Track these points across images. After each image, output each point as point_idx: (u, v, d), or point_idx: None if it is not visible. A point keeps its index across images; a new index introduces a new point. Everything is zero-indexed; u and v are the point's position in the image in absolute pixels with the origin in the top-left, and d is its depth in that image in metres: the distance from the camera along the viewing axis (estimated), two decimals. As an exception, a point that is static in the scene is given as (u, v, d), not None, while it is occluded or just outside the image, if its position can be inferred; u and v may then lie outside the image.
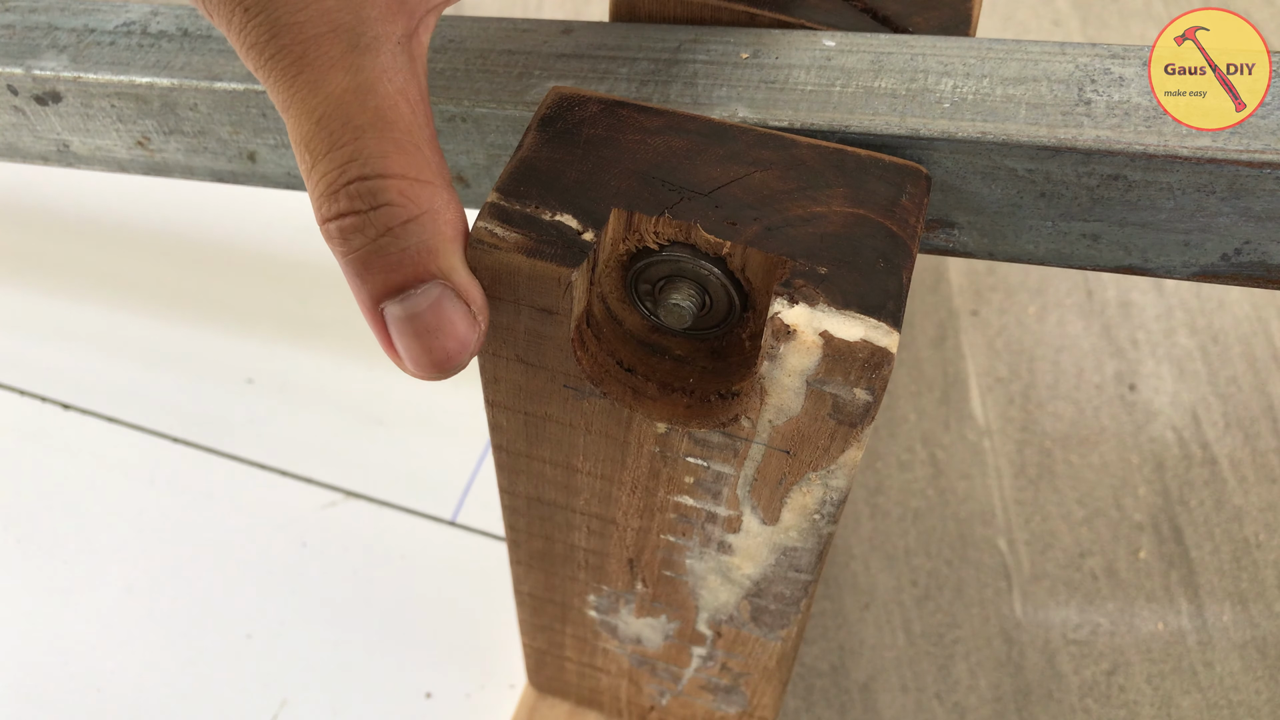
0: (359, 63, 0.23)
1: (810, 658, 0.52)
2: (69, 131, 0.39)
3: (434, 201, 0.24)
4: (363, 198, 0.23)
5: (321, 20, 0.23)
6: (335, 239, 0.24)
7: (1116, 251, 0.29)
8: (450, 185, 0.25)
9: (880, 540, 0.56)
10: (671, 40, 0.32)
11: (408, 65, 0.24)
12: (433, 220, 0.24)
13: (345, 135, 0.23)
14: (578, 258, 0.25)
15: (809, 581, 0.32)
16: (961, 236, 0.30)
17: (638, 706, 0.46)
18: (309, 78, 0.23)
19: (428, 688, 0.51)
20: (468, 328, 0.25)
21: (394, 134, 0.24)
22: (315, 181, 0.24)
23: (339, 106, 0.23)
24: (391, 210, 0.23)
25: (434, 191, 0.24)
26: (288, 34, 0.23)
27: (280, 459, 0.59)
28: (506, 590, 0.52)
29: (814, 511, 0.29)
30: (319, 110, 0.23)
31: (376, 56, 0.24)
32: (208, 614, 0.54)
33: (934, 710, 0.51)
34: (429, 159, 0.24)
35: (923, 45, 0.30)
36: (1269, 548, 0.55)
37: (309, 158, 0.24)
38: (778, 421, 0.26)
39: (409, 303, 0.24)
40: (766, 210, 0.25)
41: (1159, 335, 0.63)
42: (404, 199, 0.23)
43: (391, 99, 0.24)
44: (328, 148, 0.23)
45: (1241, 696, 0.51)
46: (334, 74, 0.23)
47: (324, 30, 0.23)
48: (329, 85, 0.23)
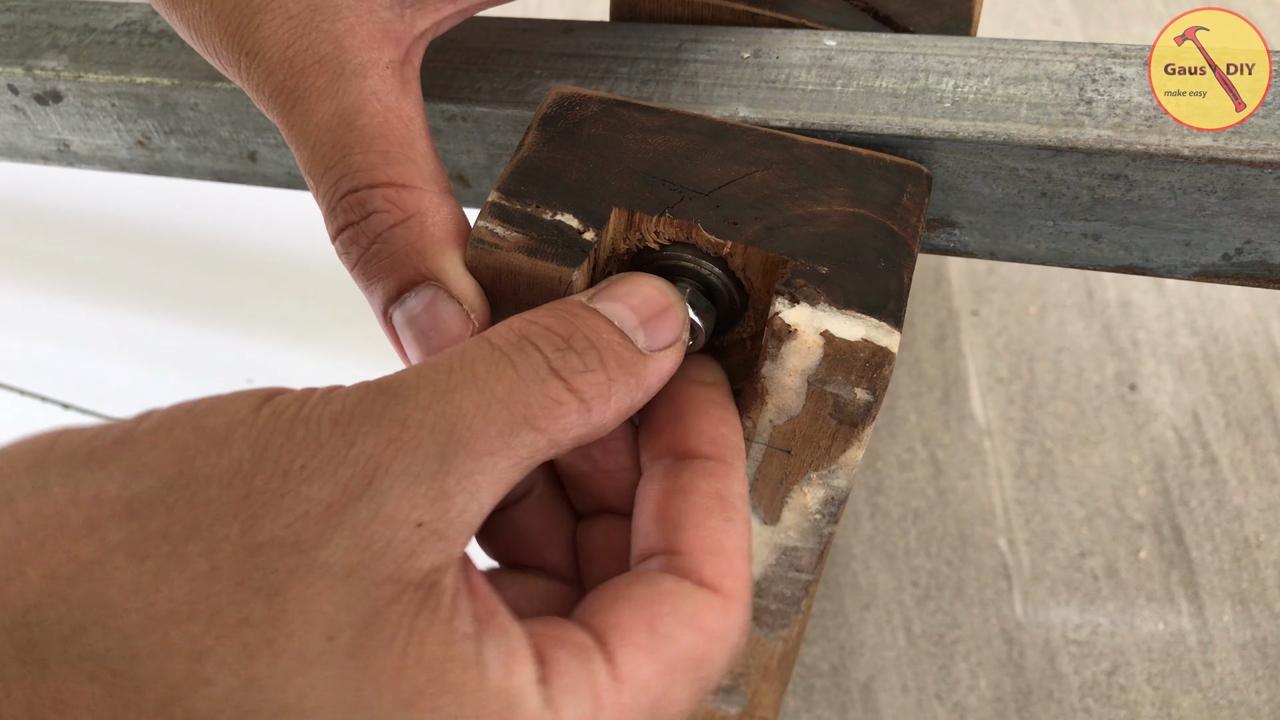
0: (345, 88, 0.25)
1: (810, 658, 0.52)
2: (69, 131, 0.39)
3: (421, 205, 0.25)
4: (354, 209, 0.24)
5: (307, 53, 0.24)
6: (342, 253, 0.25)
7: (1117, 251, 0.29)
8: (445, 190, 0.26)
9: (880, 540, 0.56)
10: (672, 40, 0.32)
11: (398, 87, 0.25)
12: (420, 223, 0.25)
13: (335, 155, 0.24)
14: (578, 257, 0.25)
15: (809, 581, 0.32)
16: (962, 236, 0.30)
17: (638, 706, 0.46)
18: (302, 109, 0.25)
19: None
20: (460, 327, 0.25)
21: (381, 147, 0.24)
22: (319, 202, 0.25)
23: (329, 130, 0.24)
24: (379, 217, 0.24)
25: (421, 196, 0.25)
26: (280, 70, 0.25)
27: (280, 459, 0.59)
28: (507, 590, 0.52)
29: (815, 511, 0.29)
30: (313, 137, 0.25)
31: (364, 80, 0.25)
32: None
33: (934, 710, 0.51)
34: (420, 167, 0.25)
35: (924, 45, 0.30)
36: (1269, 548, 0.55)
37: (311, 181, 0.25)
38: (778, 421, 0.26)
39: (405, 306, 0.25)
40: (767, 210, 0.25)
41: (1159, 335, 0.63)
42: (389, 204, 0.24)
43: (381, 117, 0.25)
44: (324, 169, 0.25)
45: (1242, 696, 0.51)
46: (322, 102, 0.25)
47: (310, 62, 0.24)
48: (319, 113, 0.25)
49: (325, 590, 0.17)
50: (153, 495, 0.18)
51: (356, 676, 0.17)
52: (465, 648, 0.18)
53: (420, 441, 0.19)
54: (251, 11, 0.25)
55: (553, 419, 0.20)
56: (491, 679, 0.18)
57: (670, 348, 0.23)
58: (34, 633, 0.17)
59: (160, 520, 0.18)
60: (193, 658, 0.17)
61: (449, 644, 0.18)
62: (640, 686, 0.20)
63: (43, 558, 0.17)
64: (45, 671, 0.16)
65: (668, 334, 0.23)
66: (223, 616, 0.17)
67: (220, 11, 0.25)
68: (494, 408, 0.20)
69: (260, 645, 0.17)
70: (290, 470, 0.18)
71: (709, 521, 0.22)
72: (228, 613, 0.17)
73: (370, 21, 0.25)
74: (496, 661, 0.18)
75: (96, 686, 0.17)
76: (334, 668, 0.17)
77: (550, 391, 0.20)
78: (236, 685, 0.17)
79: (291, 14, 0.25)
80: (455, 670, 0.18)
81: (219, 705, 0.17)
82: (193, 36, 0.26)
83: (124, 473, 0.18)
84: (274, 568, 0.17)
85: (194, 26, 0.26)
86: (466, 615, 0.19)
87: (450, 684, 0.18)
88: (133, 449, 0.18)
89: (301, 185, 0.37)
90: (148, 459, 0.18)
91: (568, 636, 0.20)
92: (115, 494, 0.18)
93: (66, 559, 0.17)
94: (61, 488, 0.18)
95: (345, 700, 0.17)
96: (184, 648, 0.17)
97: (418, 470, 0.18)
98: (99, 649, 0.17)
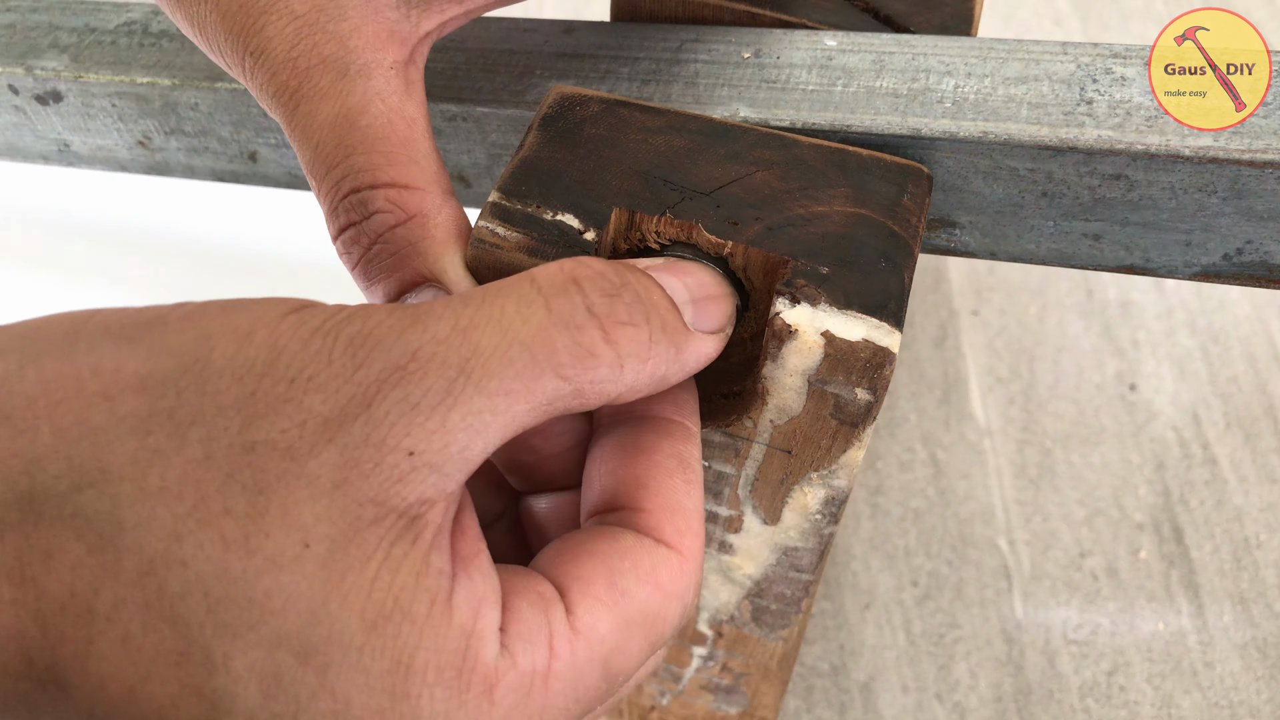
0: (348, 88, 0.24)
1: (810, 658, 0.52)
2: (70, 131, 0.39)
3: (423, 206, 0.25)
4: (356, 209, 0.24)
5: (311, 54, 0.24)
6: (343, 254, 0.25)
7: (1118, 251, 0.29)
8: (447, 191, 0.26)
9: (880, 540, 0.56)
10: (673, 40, 0.32)
11: (402, 88, 0.25)
12: (421, 224, 0.25)
13: (338, 155, 0.24)
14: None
15: (810, 581, 0.32)
16: (963, 236, 0.30)
17: (638, 706, 0.46)
18: (306, 109, 0.25)
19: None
20: None
21: (384, 148, 0.24)
22: (321, 203, 0.25)
23: (332, 131, 0.24)
24: (380, 217, 0.24)
25: (423, 197, 0.25)
26: (284, 70, 0.25)
27: (280, 459, 0.59)
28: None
29: (815, 511, 0.29)
30: (315, 136, 0.25)
31: (368, 81, 0.25)
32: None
33: (934, 710, 0.51)
34: (423, 168, 0.25)
35: (924, 45, 0.30)
36: (1269, 548, 0.55)
37: (313, 182, 0.25)
38: (779, 421, 0.26)
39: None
40: (768, 210, 0.25)
41: (1159, 335, 0.63)
42: (391, 205, 0.24)
43: (384, 117, 0.25)
44: (326, 169, 0.25)
45: (1242, 696, 0.51)
46: (325, 103, 0.24)
47: (314, 63, 0.24)
48: (322, 113, 0.24)
49: (308, 499, 0.18)
50: (167, 376, 0.18)
51: (324, 588, 0.18)
52: (438, 583, 0.19)
53: (426, 374, 0.19)
54: (257, 11, 0.25)
55: (583, 369, 0.20)
56: (457, 619, 0.19)
57: (715, 334, 0.23)
58: (35, 484, 0.18)
59: (169, 401, 0.18)
60: (173, 537, 0.17)
61: (421, 576, 0.18)
62: (597, 639, 0.20)
63: (56, 417, 0.18)
64: (39, 523, 0.17)
65: (716, 318, 0.23)
66: (208, 504, 0.18)
67: (226, 11, 0.25)
68: (514, 349, 0.19)
69: (237, 538, 0.17)
70: (297, 379, 0.19)
71: (671, 481, 0.23)
72: (213, 501, 0.18)
73: (376, 22, 0.25)
74: (466, 604, 0.19)
75: (82, 546, 0.17)
76: (304, 575, 0.18)
77: (584, 340, 0.20)
78: (209, 572, 0.17)
79: (297, 14, 0.25)
80: (422, 603, 0.18)
81: (190, 587, 0.17)
82: (198, 35, 0.26)
83: (146, 351, 0.19)
84: (264, 468, 0.18)
85: (199, 25, 0.26)
86: (445, 552, 0.19)
87: (414, 615, 0.18)
88: (160, 331, 0.19)
89: (302, 185, 0.37)
90: (171, 342, 0.19)
91: (531, 586, 0.20)
92: (134, 370, 0.18)
93: (77, 421, 0.18)
94: (87, 356, 0.18)
95: (310, 608, 0.18)
96: (167, 526, 0.17)
97: (417, 400, 0.19)
98: (90, 510, 0.17)
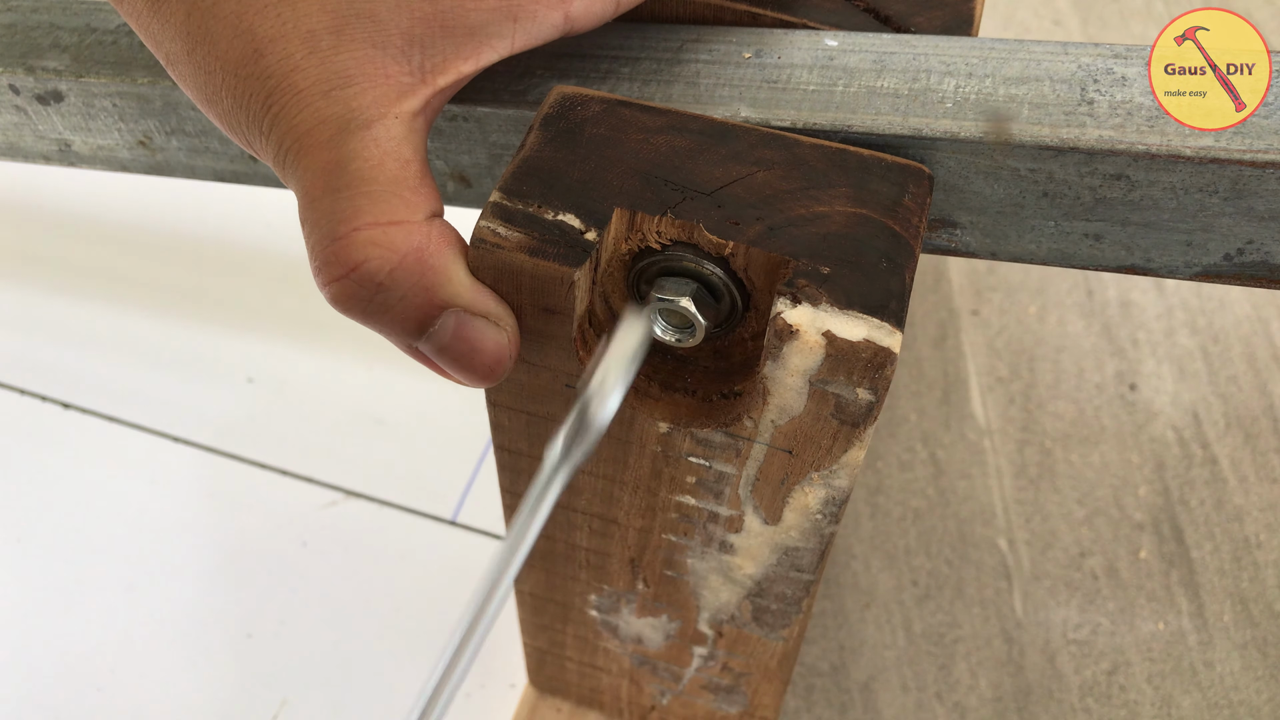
0: (345, 139, 0.24)
1: (811, 657, 0.52)
2: (71, 131, 0.39)
3: (412, 240, 0.24)
4: (338, 264, 0.24)
5: (313, 116, 0.25)
6: (335, 306, 0.25)
7: (1119, 251, 0.29)
8: (438, 215, 0.25)
9: (880, 540, 0.56)
10: (674, 40, 0.32)
11: (402, 134, 0.25)
12: (418, 259, 0.24)
13: (325, 201, 0.24)
14: (580, 257, 0.25)
15: (810, 581, 0.32)
16: (964, 236, 0.30)
17: (638, 706, 0.46)
18: (305, 162, 0.25)
19: (428, 687, 0.51)
20: (495, 340, 0.25)
21: (370, 187, 0.24)
22: (309, 256, 0.25)
23: (322, 176, 0.24)
24: (370, 266, 0.24)
25: (410, 230, 0.24)
26: (290, 136, 0.25)
27: (280, 459, 0.59)
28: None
29: (816, 511, 0.29)
30: (306, 182, 0.25)
31: (367, 130, 0.25)
32: (209, 613, 0.53)
33: (934, 710, 0.51)
34: (408, 200, 0.24)
35: (925, 45, 0.30)
36: (1269, 548, 0.55)
37: (304, 230, 0.25)
38: (780, 421, 0.26)
39: (433, 340, 0.25)
40: (769, 210, 0.25)
41: (1159, 335, 0.63)
42: (378, 249, 0.24)
43: (375, 159, 0.24)
44: (313, 217, 0.24)
45: (1242, 696, 0.51)
46: (321, 153, 0.24)
47: (315, 123, 0.25)
48: (317, 163, 0.24)
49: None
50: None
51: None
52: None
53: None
54: (265, 93, 0.25)
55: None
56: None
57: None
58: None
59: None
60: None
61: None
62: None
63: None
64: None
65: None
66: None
67: (238, 94, 0.25)
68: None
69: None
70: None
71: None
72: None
73: (384, 85, 0.25)
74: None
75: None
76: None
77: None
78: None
79: (300, 89, 0.25)
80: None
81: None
82: (210, 109, 0.27)
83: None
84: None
85: (217, 107, 0.26)
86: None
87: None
88: None
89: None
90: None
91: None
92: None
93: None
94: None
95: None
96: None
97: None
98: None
